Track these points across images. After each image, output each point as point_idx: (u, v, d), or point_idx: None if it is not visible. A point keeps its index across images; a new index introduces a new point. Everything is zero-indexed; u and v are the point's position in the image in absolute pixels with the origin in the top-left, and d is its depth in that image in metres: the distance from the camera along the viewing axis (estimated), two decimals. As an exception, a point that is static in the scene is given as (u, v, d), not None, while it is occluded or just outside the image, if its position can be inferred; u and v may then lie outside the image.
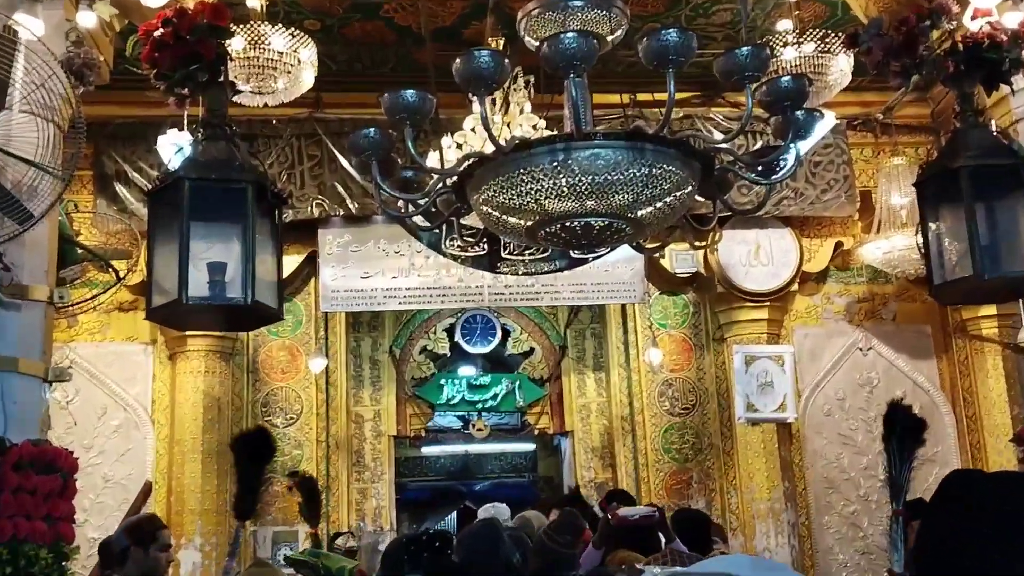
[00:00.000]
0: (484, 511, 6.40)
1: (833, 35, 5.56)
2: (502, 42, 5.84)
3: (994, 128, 4.62)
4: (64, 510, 3.78)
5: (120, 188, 7.28)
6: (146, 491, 7.38)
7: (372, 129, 3.03)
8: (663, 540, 4.34)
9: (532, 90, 5.90)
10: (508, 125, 5.75)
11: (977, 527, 1.53)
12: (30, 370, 3.85)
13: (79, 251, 5.59)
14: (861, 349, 8.24)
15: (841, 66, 5.62)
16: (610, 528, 4.31)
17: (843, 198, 7.80)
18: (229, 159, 3.63)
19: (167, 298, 3.52)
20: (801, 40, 5.58)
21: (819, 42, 5.56)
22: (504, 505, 6.63)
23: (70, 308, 6.27)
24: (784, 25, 5.85)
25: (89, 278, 7.06)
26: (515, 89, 5.86)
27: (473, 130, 5.76)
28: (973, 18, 4.43)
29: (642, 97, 7.40)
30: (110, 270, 5.50)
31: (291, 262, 7.74)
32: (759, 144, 6.71)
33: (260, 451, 5.46)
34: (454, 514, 12.95)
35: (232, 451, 5.84)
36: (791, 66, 5.49)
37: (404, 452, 10.79)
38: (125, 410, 7.62)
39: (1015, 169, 4.24)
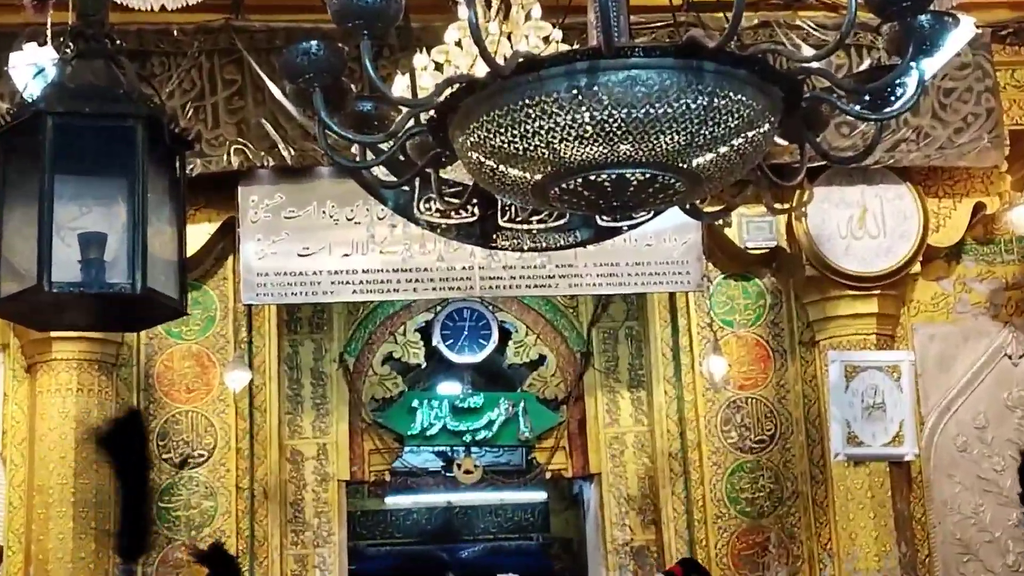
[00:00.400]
0: None
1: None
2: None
3: None
4: None
5: (-45, 128, 7.27)
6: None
7: (314, 43, 3.02)
8: None
9: (543, -11, 5.89)
10: (509, 37, 5.73)
11: None
12: None
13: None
14: (1010, 356, 8.24)
15: (983, -48, 5.60)
16: None
17: (986, 140, 7.75)
18: (110, 86, 3.62)
19: (22, 284, 3.50)
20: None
21: (951, -81, 5.54)
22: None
23: None
24: None
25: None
26: (518, -13, 5.85)
27: (458, 44, 5.73)
28: None
29: (701, -2, 7.40)
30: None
31: (200, 233, 7.74)
32: (866, 63, 6.69)
33: (133, 442, 5.27)
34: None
35: (103, 451, 5.62)
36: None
37: (361, 504, 10.83)
38: (-37, 444, 7.65)
39: None
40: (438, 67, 5.73)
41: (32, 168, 3.52)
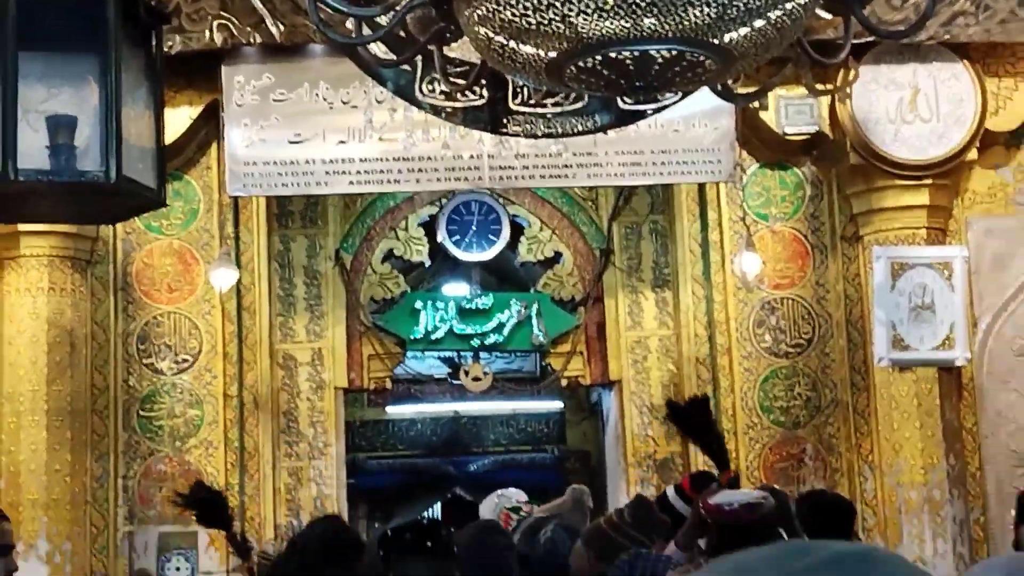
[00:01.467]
0: (487, 504, 6.47)
1: None
2: None
3: None
4: None
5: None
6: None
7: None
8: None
9: None
10: None
11: None
12: None
13: None
14: (1075, 253, 8.25)
15: None
16: (702, 522, 4.37)
17: (1052, 14, 7.71)
18: (78, -49, 3.60)
19: (-16, 173, 3.52)
20: None
21: None
22: (517, 491, 6.68)
23: None
24: None
25: None
26: None
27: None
28: None
29: None
30: None
31: (181, 117, 7.73)
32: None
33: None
34: (436, 508, 13.13)
35: None
36: None
37: (360, 414, 10.93)
38: (-74, 349, 7.72)
39: None
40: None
41: (-6, 45, 3.53)
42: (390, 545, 3.89)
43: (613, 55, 2.90)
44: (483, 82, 3.92)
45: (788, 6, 2.90)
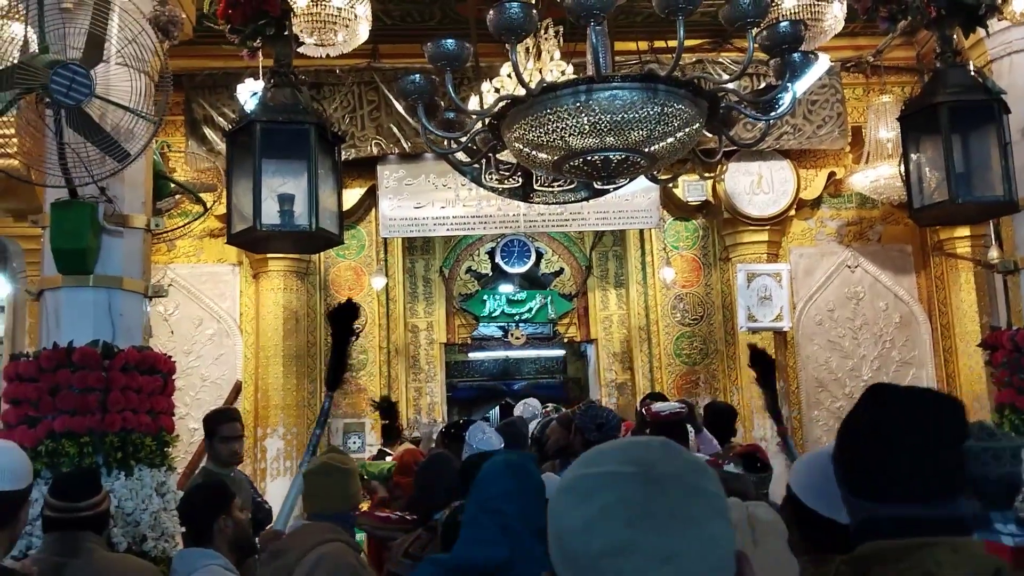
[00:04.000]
0: (521, 406, 6.50)
1: (829, -15, 5.34)
2: (535, -3, 5.68)
3: (971, 68, 4.45)
4: (165, 405, 3.86)
5: (208, 131, 7.26)
6: (237, 389, 7.57)
7: (417, 76, 2.97)
8: (691, 432, 4.36)
9: (561, 39, 5.75)
10: (540, 71, 5.62)
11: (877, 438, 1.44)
12: (132, 287, 3.90)
13: (171, 185, 5.63)
14: (849, 266, 8.12)
15: (835, 12, 5.39)
16: (645, 421, 4.33)
17: (836, 132, 7.58)
18: (294, 103, 3.59)
19: (244, 225, 3.52)
20: (800, -10, 5.36)
21: (816, -8, 5.34)
22: (535, 400, 6.72)
23: (167, 234, 6.35)
24: (786, -23, 5.62)
25: (183, 208, 7.14)
26: (546, 38, 5.71)
27: (509, 76, 5.63)
28: (956, -33, 4.23)
29: (660, 44, 7.20)
30: (199, 202, 5.52)
31: (354, 194, 7.74)
32: (763, 85, 6.53)
33: (348, 322, 5.16)
34: (496, 408, 13.11)
35: (329, 322, 5.43)
36: (790, 14, 5.29)
37: (453, 357, 10.88)
38: (218, 321, 7.73)
39: (989, 105, 4.10)
40: (497, 91, 5.64)
41: (249, 155, 3.51)
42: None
43: (589, 158, 2.87)
44: (519, 173, 3.89)
45: (687, 130, 2.85)
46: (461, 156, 3.56)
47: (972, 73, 4.28)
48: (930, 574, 1.31)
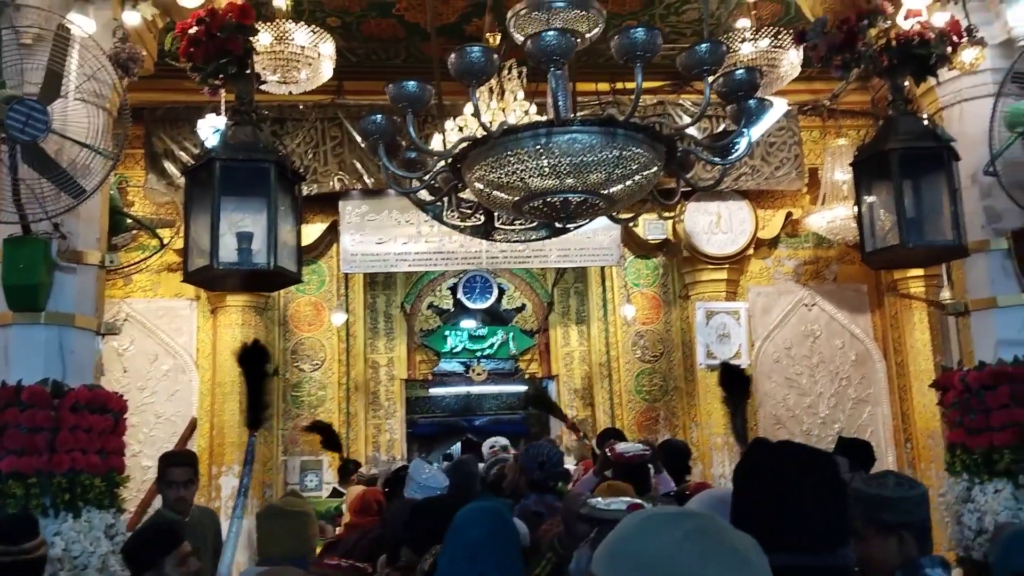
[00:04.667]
0: (486, 445, 6.56)
1: (785, 32, 5.47)
2: (499, 37, 5.74)
3: (922, 115, 4.57)
4: (115, 445, 3.78)
5: (168, 165, 7.18)
6: (192, 426, 7.43)
7: (379, 116, 2.98)
8: (652, 471, 4.36)
9: (524, 79, 5.81)
10: (503, 111, 5.67)
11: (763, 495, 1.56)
12: (84, 324, 3.83)
13: (128, 221, 5.56)
14: (806, 305, 8.22)
15: (792, 59, 5.53)
16: (608, 461, 4.32)
17: (793, 174, 7.72)
18: (254, 142, 3.57)
19: (202, 262, 3.48)
20: (757, 36, 5.48)
21: (772, 38, 5.47)
22: (501, 438, 6.72)
23: (123, 269, 6.25)
24: (743, 23, 5.74)
25: (141, 243, 7.05)
26: (510, 78, 5.77)
27: (473, 115, 5.67)
28: (906, 18, 4.36)
29: (621, 85, 7.31)
30: (156, 237, 5.45)
31: (316, 229, 7.70)
32: (721, 127, 6.64)
33: (259, 364, 4.95)
34: (457, 445, 13.03)
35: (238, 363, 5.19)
36: (748, 59, 5.40)
37: (414, 393, 10.81)
38: (173, 357, 7.59)
39: (939, 152, 4.20)
40: (460, 129, 5.68)
41: (208, 192, 3.48)
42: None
43: (549, 199, 2.88)
44: (480, 212, 3.90)
45: (645, 173, 2.89)
46: (423, 194, 3.56)
47: (923, 120, 4.39)
48: None
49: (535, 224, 4.42)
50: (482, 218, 4.39)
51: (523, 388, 11.84)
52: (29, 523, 2.69)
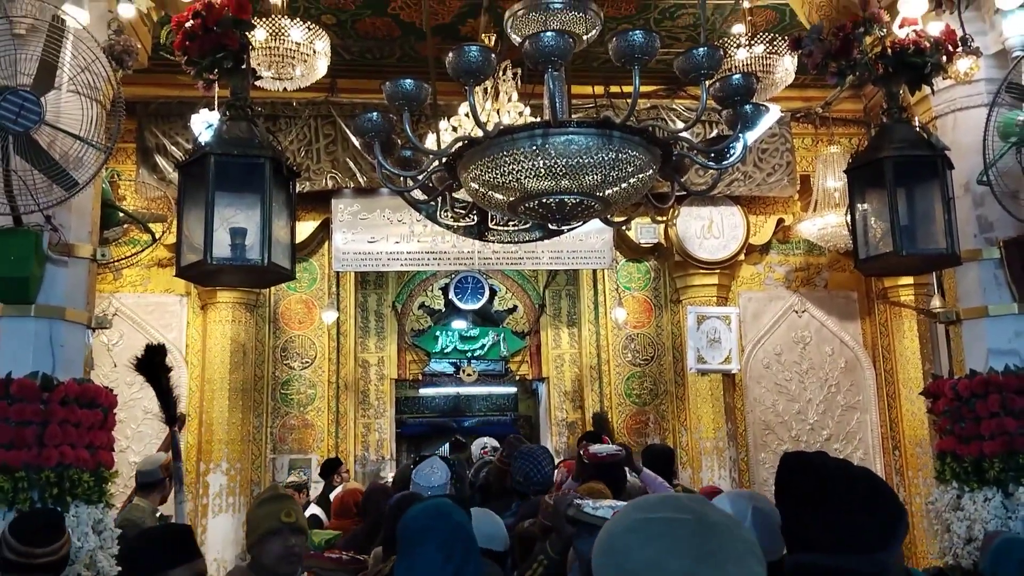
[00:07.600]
0: (475, 445, 6.55)
1: (780, 38, 5.49)
2: (495, 38, 5.73)
3: (916, 124, 4.58)
4: (104, 440, 3.75)
5: (160, 159, 7.17)
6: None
7: (375, 113, 2.97)
8: (629, 473, 4.36)
9: (520, 80, 5.81)
10: (498, 111, 5.66)
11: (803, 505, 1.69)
12: (75, 318, 3.81)
13: (120, 215, 5.53)
14: (796, 311, 8.25)
15: (786, 66, 5.55)
16: (585, 466, 4.31)
17: (785, 181, 7.76)
18: (249, 137, 3.55)
19: (195, 257, 3.46)
20: (752, 42, 5.50)
21: (767, 44, 5.49)
22: (490, 439, 6.70)
23: (114, 263, 6.22)
24: (738, 29, 5.76)
25: (132, 237, 7.02)
26: (504, 80, 5.76)
27: (467, 115, 5.66)
28: (901, 26, 4.38)
29: (616, 89, 7.32)
30: (148, 231, 5.43)
31: (308, 227, 7.68)
32: (715, 132, 6.66)
33: (157, 364, 4.75)
34: (446, 445, 12.99)
35: (138, 371, 4.85)
36: (743, 65, 5.42)
37: (404, 392, 10.79)
38: (162, 353, 7.56)
39: (933, 160, 4.22)
40: (455, 129, 5.67)
41: (201, 187, 3.47)
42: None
43: (545, 200, 2.88)
44: (474, 212, 3.89)
45: (640, 176, 2.89)
46: (417, 194, 3.55)
47: (917, 129, 4.41)
48: None
49: (528, 225, 4.42)
50: (475, 218, 4.39)
51: (513, 390, 11.86)
52: (56, 523, 2.66)
